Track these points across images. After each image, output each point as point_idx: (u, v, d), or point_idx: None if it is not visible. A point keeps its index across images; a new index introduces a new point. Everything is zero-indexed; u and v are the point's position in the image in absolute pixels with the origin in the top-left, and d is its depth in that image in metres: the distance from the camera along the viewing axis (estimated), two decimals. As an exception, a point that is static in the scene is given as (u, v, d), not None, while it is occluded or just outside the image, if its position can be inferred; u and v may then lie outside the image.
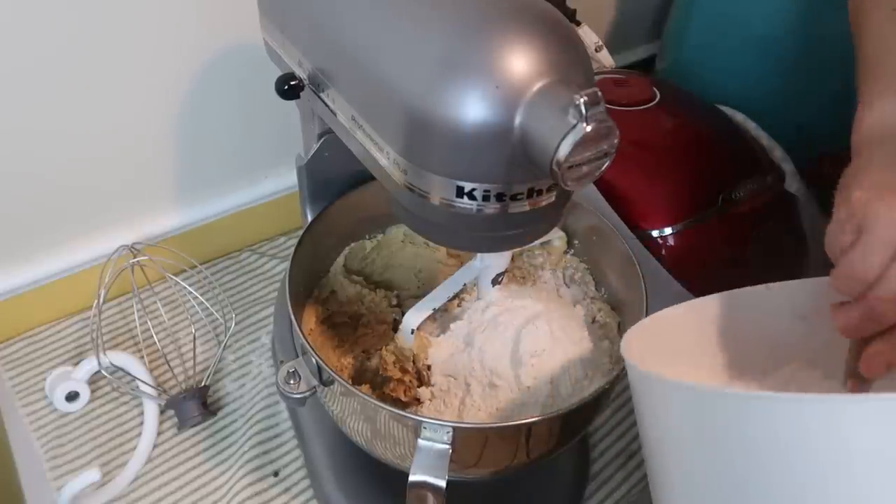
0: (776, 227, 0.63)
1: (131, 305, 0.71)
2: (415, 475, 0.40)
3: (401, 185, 0.37)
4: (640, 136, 0.64)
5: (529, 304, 0.52)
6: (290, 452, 0.62)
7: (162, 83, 0.64)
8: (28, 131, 0.60)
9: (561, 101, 0.31)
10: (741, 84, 0.81)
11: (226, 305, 0.72)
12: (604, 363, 0.51)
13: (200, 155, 0.71)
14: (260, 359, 0.68)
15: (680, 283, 0.60)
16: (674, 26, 0.90)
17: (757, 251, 0.61)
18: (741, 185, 0.62)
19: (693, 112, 0.70)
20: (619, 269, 0.53)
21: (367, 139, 0.39)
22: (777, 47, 0.76)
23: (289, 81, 0.44)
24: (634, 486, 0.62)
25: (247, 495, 0.58)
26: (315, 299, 0.55)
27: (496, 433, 0.43)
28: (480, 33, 0.33)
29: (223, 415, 0.64)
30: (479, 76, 0.32)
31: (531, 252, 0.58)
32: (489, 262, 0.48)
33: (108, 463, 0.60)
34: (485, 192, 0.34)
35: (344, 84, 0.40)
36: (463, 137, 0.33)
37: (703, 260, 0.60)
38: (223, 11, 0.63)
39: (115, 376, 0.63)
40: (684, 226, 0.59)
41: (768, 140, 0.68)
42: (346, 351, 0.53)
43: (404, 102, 0.34)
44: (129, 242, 0.67)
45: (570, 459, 0.59)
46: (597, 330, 0.53)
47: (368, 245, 0.59)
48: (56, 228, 0.67)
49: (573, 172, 0.31)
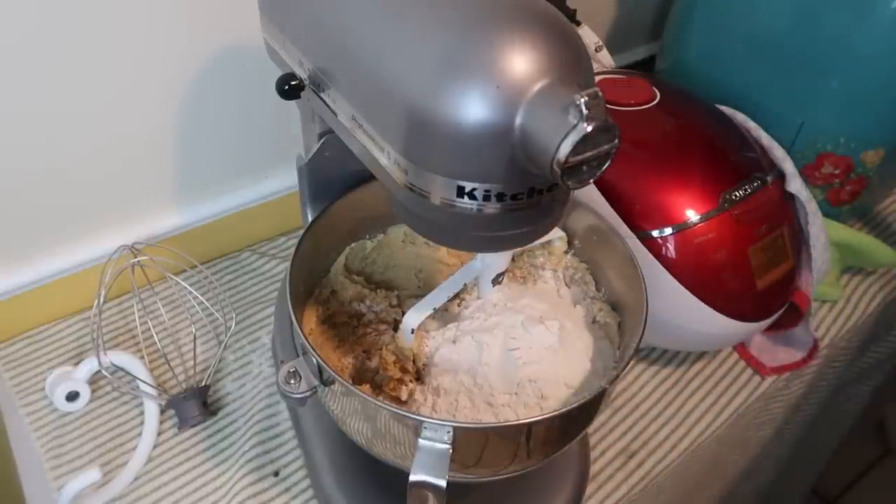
0: (776, 227, 0.63)
1: (131, 305, 0.71)
2: (415, 475, 0.40)
3: (401, 185, 0.37)
4: (640, 136, 0.63)
5: (529, 305, 0.52)
6: (290, 452, 0.62)
7: (162, 83, 0.64)
8: (28, 131, 0.60)
9: (561, 101, 0.31)
10: (741, 84, 0.81)
11: (226, 305, 0.72)
12: (604, 363, 0.51)
13: (200, 155, 0.71)
14: (260, 359, 0.68)
15: (680, 283, 0.60)
16: (674, 26, 0.90)
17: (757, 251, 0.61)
18: (741, 185, 0.62)
19: (693, 112, 0.69)
20: (619, 269, 0.53)
21: (368, 139, 0.39)
22: (777, 47, 0.76)
23: (289, 81, 0.44)
24: (634, 486, 0.62)
25: (247, 495, 0.59)
26: (315, 299, 0.55)
27: (496, 433, 0.43)
28: (481, 33, 0.33)
29: (223, 415, 0.64)
30: (480, 76, 0.32)
31: (531, 252, 0.58)
32: (489, 262, 0.48)
33: (109, 463, 0.60)
34: (485, 191, 0.34)
35: (344, 84, 0.40)
36: (463, 137, 0.33)
37: (703, 260, 0.60)
38: (223, 11, 0.63)
39: (115, 376, 0.63)
40: (684, 226, 0.59)
41: (768, 140, 0.68)
42: (347, 351, 0.53)
43: (405, 102, 0.34)
44: (130, 242, 0.67)
45: (570, 459, 0.59)
46: (597, 330, 0.53)
47: (369, 245, 0.59)
48: (56, 228, 0.67)
49: (573, 172, 0.31)
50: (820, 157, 0.78)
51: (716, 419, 0.67)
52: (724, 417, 0.67)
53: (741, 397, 0.69)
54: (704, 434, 0.66)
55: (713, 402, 0.68)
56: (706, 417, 0.67)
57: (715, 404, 0.68)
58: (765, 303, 0.63)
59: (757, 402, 0.70)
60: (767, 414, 0.76)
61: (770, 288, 0.63)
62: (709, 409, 0.68)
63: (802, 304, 0.66)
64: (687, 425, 0.66)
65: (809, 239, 0.66)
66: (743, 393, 0.69)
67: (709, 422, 0.67)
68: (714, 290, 0.60)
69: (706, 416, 0.67)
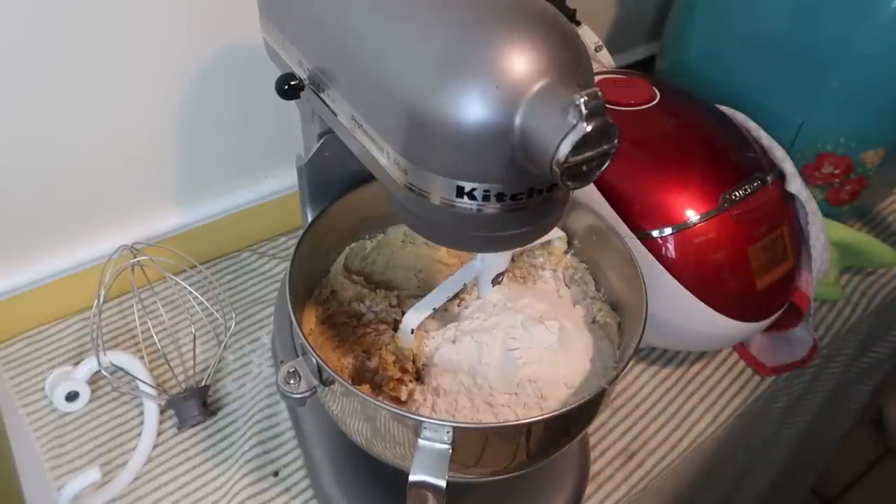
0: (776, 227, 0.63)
1: (131, 305, 0.71)
2: (415, 475, 0.40)
3: (401, 185, 0.37)
4: (640, 136, 0.63)
5: (529, 305, 0.52)
6: (290, 452, 0.62)
7: (162, 83, 0.64)
8: (28, 131, 0.60)
9: (561, 101, 0.31)
10: (741, 84, 0.81)
11: (226, 305, 0.72)
12: (604, 363, 0.51)
13: (200, 155, 0.71)
14: (260, 359, 0.68)
15: (680, 283, 0.60)
16: (674, 26, 0.90)
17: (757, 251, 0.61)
18: (741, 185, 0.62)
19: (693, 112, 0.69)
20: (619, 269, 0.53)
21: (368, 139, 0.39)
22: (777, 47, 0.76)
23: (289, 81, 0.44)
24: (634, 486, 0.62)
25: (247, 495, 0.59)
26: (315, 299, 0.55)
27: (496, 433, 0.43)
28: (480, 33, 0.33)
29: (223, 415, 0.64)
30: (480, 76, 0.32)
31: (531, 252, 0.58)
32: (489, 262, 0.48)
33: (108, 463, 0.60)
34: (485, 191, 0.34)
35: (344, 84, 0.40)
36: (463, 137, 0.33)
37: (703, 260, 0.60)
38: (223, 11, 0.63)
39: (115, 376, 0.63)
40: (684, 226, 0.59)
41: (768, 140, 0.68)
42: (346, 351, 0.53)
43: (404, 102, 0.34)
44: (129, 242, 0.67)
45: (570, 459, 0.59)
46: (597, 330, 0.53)
47: (369, 245, 0.59)
48: (56, 228, 0.67)
49: (573, 172, 0.31)
50: (820, 157, 0.78)
51: (716, 419, 0.67)
52: (724, 417, 0.67)
53: (741, 397, 0.69)
54: (704, 434, 0.66)
55: (713, 402, 0.68)
56: (706, 417, 0.67)
57: (715, 404, 0.68)
58: (765, 303, 0.63)
59: (757, 402, 0.70)
60: (767, 414, 0.76)
61: (770, 288, 0.63)
62: (709, 409, 0.68)
63: (802, 304, 0.66)
64: (687, 425, 0.66)
65: (809, 239, 0.66)
66: (743, 393, 0.69)
67: (709, 422, 0.67)
68: (714, 290, 0.60)
69: (706, 416, 0.67)
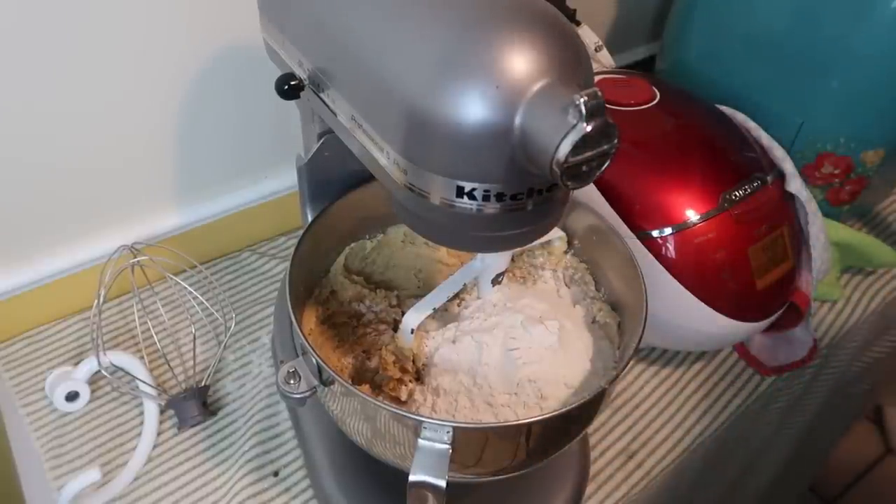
0: (776, 227, 0.63)
1: (131, 305, 0.71)
2: (415, 475, 0.40)
3: (401, 185, 0.37)
4: (640, 136, 0.63)
5: (529, 305, 0.52)
6: (290, 452, 0.62)
7: (162, 83, 0.64)
8: (28, 132, 0.60)
9: (561, 100, 0.31)
10: (741, 84, 0.81)
11: (226, 305, 0.72)
12: (604, 363, 0.51)
13: (200, 155, 0.71)
14: (260, 359, 0.68)
15: (680, 283, 0.60)
16: (674, 26, 0.90)
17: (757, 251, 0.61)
18: (741, 185, 0.62)
19: (693, 112, 0.69)
20: (619, 269, 0.53)
21: (367, 139, 0.39)
22: (777, 47, 0.76)
23: (289, 81, 0.44)
24: (634, 486, 0.62)
25: (247, 495, 0.59)
26: (315, 299, 0.55)
27: (496, 433, 0.43)
28: (480, 33, 0.33)
29: (223, 415, 0.64)
30: (479, 76, 0.32)
31: (531, 252, 0.58)
32: (489, 262, 0.48)
33: (108, 463, 0.60)
34: (485, 192, 0.34)
35: (344, 84, 0.40)
36: (463, 137, 0.33)
37: (703, 260, 0.60)
38: (223, 11, 0.63)
39: (115, 376, 0.63)
40: (684, 226, 0.59)
41: (768, 140, 0.68)
42: (346, 351, 0.53)
43: (404, 102, 0.34)
44: (129, 242, 0.67)
45: (570, 459, 0.59)
46: (597, 330, 0.53)
47: (369, 245, 0.59)
48: (56, 228, 0.67)
49: (573, 172, 0.31)
50: (820, 157, 0.78)
51: (716, 419, 0.67)
52: (723, 417, 0.67)
53: (741, 397, 0.69)
54: (704, 434, 0.66)
55: (713, 402, 0.68)
56: (706, 417, 0.67)
57: (715, 404, 0.68)
58: (765, 303, 0.63)
59: (757, 402, 0.70)
60: (767, 414, 0.76)
61: (770, 288, 0.63)
62: (709, 409, 0.68)
63: (802, 304, 0.66)
64: (687, 425, 0.66)
65: (809, 239, 0.66)
66: (743, 393, 0.69)
67: (709, 422, 0.67)
68: (714, 290, 0.60)
69: (706, 416, 0.67)
